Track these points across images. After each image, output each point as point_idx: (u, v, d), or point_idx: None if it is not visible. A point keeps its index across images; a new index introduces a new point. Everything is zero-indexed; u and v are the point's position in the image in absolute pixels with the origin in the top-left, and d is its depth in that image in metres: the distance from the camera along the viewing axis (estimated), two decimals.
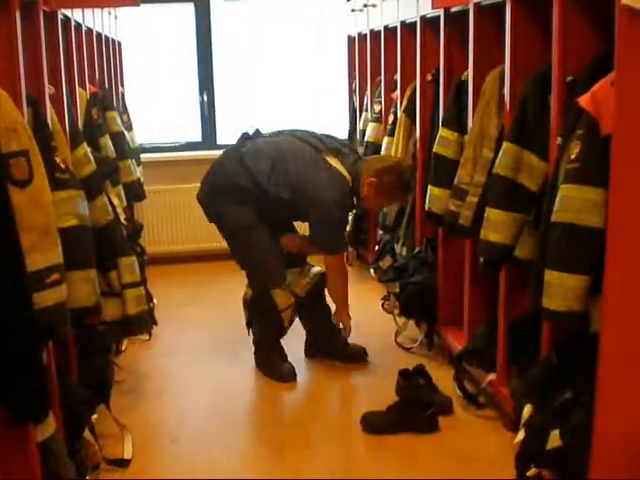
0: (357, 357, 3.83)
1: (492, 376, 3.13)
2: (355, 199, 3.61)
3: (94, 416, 2.74)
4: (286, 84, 6.02)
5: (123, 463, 2.84)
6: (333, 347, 3.85)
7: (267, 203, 3.53)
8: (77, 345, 2.86)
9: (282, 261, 3.67)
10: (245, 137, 3.73)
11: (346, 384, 3.65)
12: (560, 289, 2.23)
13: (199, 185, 3.74)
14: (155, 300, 4.23)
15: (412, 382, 3.18)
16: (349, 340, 3.88)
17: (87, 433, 2.62)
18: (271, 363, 3.73)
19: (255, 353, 3.83)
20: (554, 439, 2.29)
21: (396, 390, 3.20)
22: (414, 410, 3.07)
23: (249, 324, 3.86)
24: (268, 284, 3.62)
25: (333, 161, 3.54)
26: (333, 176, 3.49)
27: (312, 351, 3.92)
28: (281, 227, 3.74)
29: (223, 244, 3.82)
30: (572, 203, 2.17)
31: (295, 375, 3.67)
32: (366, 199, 3.59)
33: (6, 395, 1.92)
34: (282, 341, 3.77)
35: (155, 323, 3.82)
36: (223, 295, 4.09)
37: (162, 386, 3.65)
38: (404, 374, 3.23)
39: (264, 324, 3.75)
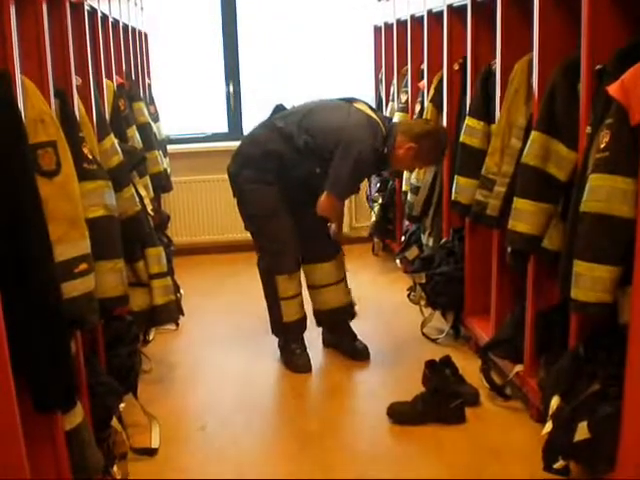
0: (360, 355, 3.79)
1: (519, 367, 3.11)
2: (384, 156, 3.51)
3: (122, 405, 2.76)
4: (312, 75, 6.01)
5: (150, 452, 2.87)
6: (340, 340, 3.88)
7: (293, 170, 3.51)
8: (105, 335, 2.88)
9: (296, 249, 3.66)
10: (276, 110, 3.72)
11: (372, 375, 3.64)
12: (589, 280, 2.21)
13: (226, 170, 3.70)
14: (182, 290, 4.25)
15: (439, 373, 3.17)
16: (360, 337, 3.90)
17: (115, 422, 2.63)
18: (287, 352, 3.75)
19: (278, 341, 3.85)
20: (582, 431, 2.27)
21: (422, 381, 3.19)
22: (441, 401, 3.06)
23: None
24: (274, 269, 3.65)
25: (364, 108, 3.55)
26: (361, 117, 3.48)
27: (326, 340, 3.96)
28: (302, 205, 3.64)
29: (249, 235, 3.82)
30: (601, 193, 2.15)
31: (310, 368, 3.67)
32: (401, 161, 3.56)
33: (34, 384, 1.94)
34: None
35: (182, 313, 3.84)
36: (250, 285, 4.10)
37: (189, 376, 3.67)
38: (431, 365, 3.21)
39: (270, 308, 3.77)
